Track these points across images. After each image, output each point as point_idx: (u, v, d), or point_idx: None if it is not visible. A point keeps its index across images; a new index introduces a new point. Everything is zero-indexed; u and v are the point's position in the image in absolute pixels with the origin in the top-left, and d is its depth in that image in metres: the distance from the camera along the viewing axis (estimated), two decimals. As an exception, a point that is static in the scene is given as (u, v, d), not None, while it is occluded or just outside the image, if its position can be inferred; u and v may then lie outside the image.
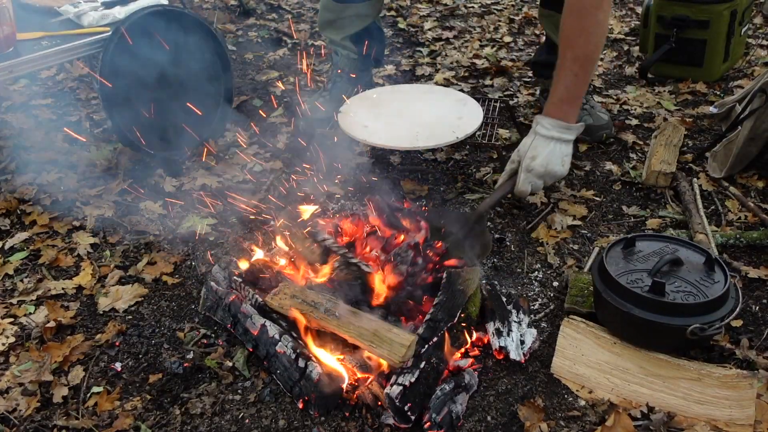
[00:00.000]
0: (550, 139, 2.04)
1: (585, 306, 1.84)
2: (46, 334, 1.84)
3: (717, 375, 1.59)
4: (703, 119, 2.86)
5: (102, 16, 2.39)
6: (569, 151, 2.08)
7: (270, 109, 3.03)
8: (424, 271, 1.84)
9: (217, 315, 1.86)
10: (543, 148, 2.05)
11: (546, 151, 2.04)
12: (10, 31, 2.17)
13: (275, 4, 4.31)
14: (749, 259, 2.07)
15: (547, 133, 2.04)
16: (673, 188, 2.39)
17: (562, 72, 2.04)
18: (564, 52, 2.04)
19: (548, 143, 2.04)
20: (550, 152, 2.04)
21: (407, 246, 1.87)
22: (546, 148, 2.04)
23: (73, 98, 3.09)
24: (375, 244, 1.90)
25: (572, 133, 2.07)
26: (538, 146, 2.05)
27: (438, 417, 1.52)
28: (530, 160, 2.05)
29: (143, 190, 2.43)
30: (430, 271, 1.86)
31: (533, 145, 2.06)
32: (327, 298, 1.70)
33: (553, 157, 2.05)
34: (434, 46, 3.72)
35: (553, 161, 2.05)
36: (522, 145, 2.09)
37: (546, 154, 2.04)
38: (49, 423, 1.61)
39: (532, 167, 2.05)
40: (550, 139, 2.04)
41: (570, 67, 2.02)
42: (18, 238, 2.21)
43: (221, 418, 1.61)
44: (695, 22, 3.00)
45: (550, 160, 2.04)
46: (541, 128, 2.05)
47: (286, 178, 2.51)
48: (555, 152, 2.05)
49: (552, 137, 2.04)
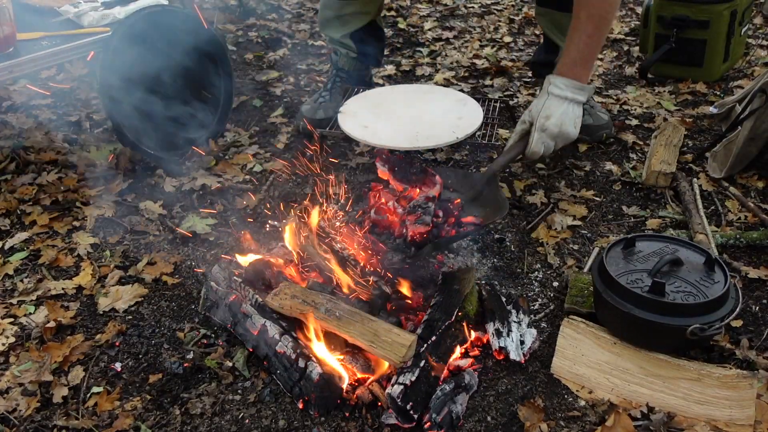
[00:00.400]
0: (564, 100, 1.99)
1: (585, 306, 1.84)
2: (46, 334, 1.84)
3: (717, 375, 1.59)
4: (703, 119, 2.86)
5: (102, 16, 2.39)
6: (581, 113, 2.04)
7: (270, 109, 3.03)
8: (446, 224, 1.82)
9: (217, 315, 1.86)
10: (557, 109, 1.99)
11: (560, 111, 1.99)
12: (10, 31, 2.17)
13: (275, 4, 4.31)
14: (749, 259, 2.07)
15: (561, 93, 1.99)
16: (673, 188, 2.39)
17: (576, 32, 1.99)
18: (578, 11, 1.99)
19: (562, 103, 1.99)
20: (564, 113, 1.99)
21: (425, 198, 1.84)
22: (560, 109, 1.99)
23: (73, 98, 3.09)
24: (391, 197, 1.88)
25: (585, 94, 2.02)
26: (552, 106, 1.99)
27: (438, 417, 1.52)
28: (544, 119, 1.99)
29: (143, 190, 2.43)
30: (452, 225, 1.83)
31: (546, 105, 2.00)
32: (327, 299, 1.70)
33: (567, 118, 2.00)
34: (434, 46, 3.72)
35: (566, 122, 2.00)
36: (534, 106, 2.03)
37: (560, 114, 1.99)
38: (49, 423, 1.61)
39: (546, 127, 1.99)
40: (564, 100, 1.99)
41: (584, 28, 1.97)
42: (18, 238, 2.21)
43: (221, 419, 1.61)
44: (695, 22, 3.00)
45: (564, 120, 2.00)
46: (555, 88, 2.00)
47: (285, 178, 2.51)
48: (568, 113, 2.00)
49: (566, 98, 1.99)
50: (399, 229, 1.83)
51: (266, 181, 2.50)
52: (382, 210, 1.86)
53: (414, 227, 1.79)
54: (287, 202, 2.38)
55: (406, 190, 1.91)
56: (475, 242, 2.15)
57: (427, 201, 1.84)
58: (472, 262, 2.06)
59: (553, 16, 2.55)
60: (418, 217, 1.79)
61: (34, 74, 3.18)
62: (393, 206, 1.84)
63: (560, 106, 1.99)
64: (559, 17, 2.48)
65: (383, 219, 1.86)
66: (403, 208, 1.84)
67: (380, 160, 1.98)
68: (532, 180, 2.47)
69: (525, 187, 2.43)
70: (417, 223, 1.78)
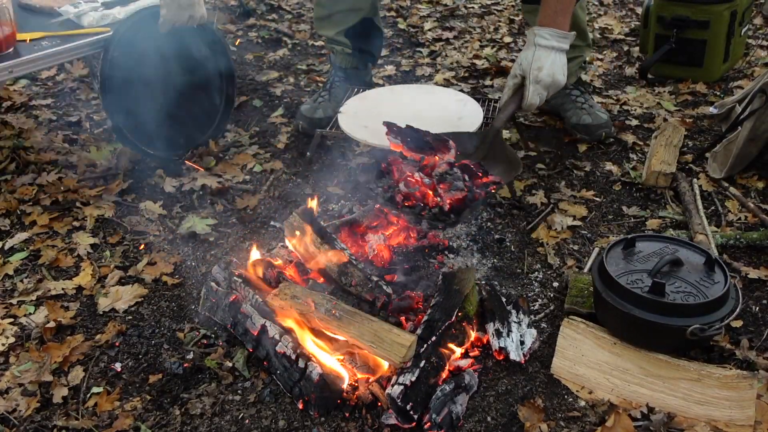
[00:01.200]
0: (551, 49, 2.06)
1: (585, 306, 1.84)
2: (46, 334, 1.84)
3: (717, 375, 1.59)
4: (703, 120, 2.86)
5: (102, 16, 2.39)
6: (565, 61, 2.12)
7: (270, 109, 3.03)
8: (475, 186, 1.85)
9: (217, 315, 1.86)
10: (546, 59, 2.06)
11: (549, 61, 2.06)
12: (10, 31, 2.17)
13: (275, 4, 4.31)
14: (749, 259, 2.07)
15: (547, 43, 2.06)
16: (673, 189, 2.39)
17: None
18: None
19: (550, 53, 2.06)
20: (553, 62, 2.07)
21: (447, 164, 1.86)
22: (549, 59, 2.06)
23: (73, 98, 3.09)
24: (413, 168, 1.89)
25: (567, 41, 2.10)
26: (542, 57, 2.06)
27: (438, 417, 1.52)
28: (537, 71, 2.06)
29: (143, 190, 2.43)
30: (480, 186, 1.86)
31: (536, 56, 2.06)
32: (327, 299, 1.70)
33: (556, 67, 2.07)
34: (434, 47, 3.72)
35: (557, 71, 2.07)
36: (523, 59, 2.09)
37: (549, 64, 2.06)
38: (48, 423, 1.61)
39: (540, 78, 2.06)
40: (551, 49, 2.06)
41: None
42: (18, 239, 2.21)
43: (221, 419, 1.61)
44: (695, 23, 3.00)
45: (555, 69, 2.07)
46: (541, 39, 2.06)
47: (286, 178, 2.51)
48: (557, 62, 2.07)
49: (552, 47, 2.06)
50: (432, 199, 1.85)
51: (266, 181, 2.50)
52: (411, 182, 1.86)
53: (450, 195, 1.80)
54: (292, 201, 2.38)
55: (423, 159, 1.93)
56: (475, 242, 2.15)
57: (450, 167, 1.85)
58: (472, 263, 2.06)
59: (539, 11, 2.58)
60: (450, 185, 1.81)
61: (34, 74, 3.19)
62: (420, 177, 1.85)
63: (549, 55, 2.06)
64: None
65: (414, 191, 1.87)
66: (429, 177, 1.85)
67: (390, 133, 2.00)
68: (532, 180, 2.47)
69: (525, 188, 2.43)
70: (452, 190, 1.80)
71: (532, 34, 2.09)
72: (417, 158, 1.94)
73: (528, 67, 2.07)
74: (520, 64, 2.10)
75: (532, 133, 2.79)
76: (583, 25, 2.66)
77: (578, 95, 2.75)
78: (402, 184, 1.86)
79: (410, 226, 2.06)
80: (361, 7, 2.72)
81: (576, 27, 2.63)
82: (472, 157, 2.06)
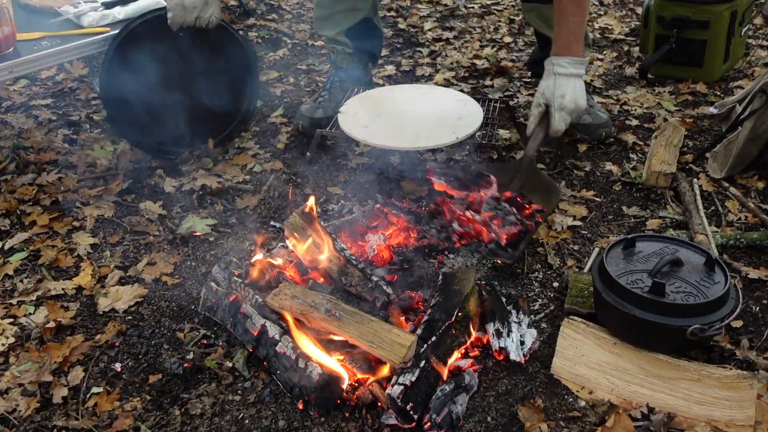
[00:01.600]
0: (570, 77, 2.14)
1: (585, 306, 1.84)
2: (46, 334, 1.84)
3: (717, 376, 1.59)
4: (704, 120, 2.86)
5: (102, 16, 2.39)
6: (584, 85, 2.20)
7: (270, 109, 3.03)
8: (524, 217, 1.94)
9: (217, 315, 1.86)
10: (567, 86, 2.14)
11: (570, 88, 2.14)
12: (10, 31, 2.17)
13: (275, 4, 4.31)
14: (749, 259, 2.07)
15: (566, 71, 2.13)
16: (674, 189, 2.39)
17: (562, 15, 2.15)
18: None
19: (570, 80, 2.14)
20: (574, 88, 2.14)
21: (493, 199, 1.94)
22: (569, 86, 2.14)
23: (73, 98, 3.09)
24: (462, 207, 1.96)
25: (583, 67, 2.18)
26: (563, 85, 2.14)
27: (438, 417, 1.52)
28: (561, 99, 2.14)
29: (143, 190, 2.43)
30: (528, 216, 1.95)
31: (558, 85, 2.14)
32: (327, 299, 1.70)
33: (578, 93, 2.15)
34: (434, 47, 3.72)
35: (579, 97, 2.16)
36: (545, 89, 2.16)
37: (571, 90, 2.14)
38: (48, 423, 1.61)
39: (564, 105, 2.14)
40: (571, 76, 2.14)
41: (568, 9, 2.13)
42: (18, 239, 2.21)
43: (221, 419, 1.61)
44: (695, 23, 3.00)
45: (576, 96, 2.15)
46: (560, 68, 2.13)
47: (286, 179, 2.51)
48: (577, 88, 2.15)
49: (572, 74, 2.14)
50: (488, 235, 1.92)
51: (266, 181, 2.50)
52: (463, 221, 1.93)
53: (506, 230, 1.89)
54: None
55: (468, 197, 2.01)
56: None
57: (496, 201, 1.94)
58: (472, 263, 2.06)
59: (539, 10, 2.63)
60: (503, 220, 1.89)
61: (34, 74, 3.19)
62: (471, 215, 1.93)
63: (569, 83, 2.14)
64: (545, 10, 2.57)
65: (468, 230, 1.94)
66: (479, 214, 1.93)
67: (434, 174, 2.10)
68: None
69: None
70: (506, 225, 1.89)
71: (551, 64, 2.16)
72: (462, 196, 2.02)
73: (551, 96, 2.15)
74: (543, 93, 2.17)
75: (532, 133, 2.79)
76: None
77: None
78: (455, 224, 1.92)
79: (410, 227, 2.07)
80: (361, 7, 2.72)
81: None
82: (510, 188, 2.14)
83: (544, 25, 2.63)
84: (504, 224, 1.88)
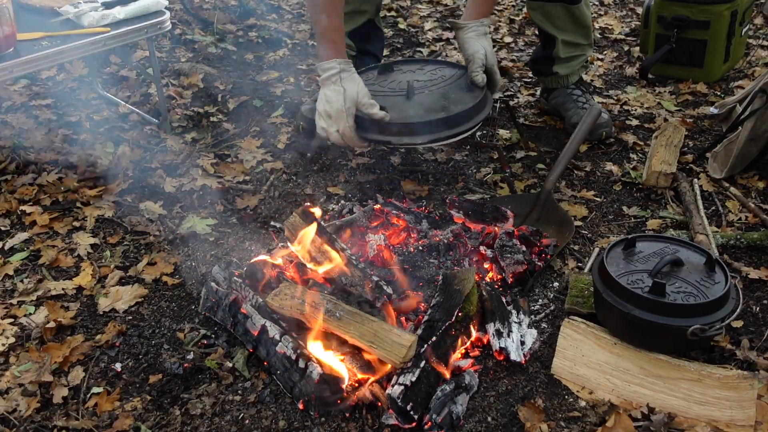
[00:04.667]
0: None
1: (585, 307, 1.83)
2: (46, 334, 1.84)
3: (717, 376, 1.59)
4: (704, 120, 2.86)
5: (102, 16, 2.39)
6: None
7: (270, 109, 3.03)
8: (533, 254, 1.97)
9: (217, 315, 1.86)
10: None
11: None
12: (10, 31, 2.17)
13: (275, 4, 4.31)
14: (750, 259, 2.07)
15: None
16: (674, 189, 2.39)
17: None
18: None
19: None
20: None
21: (506, 235, 1.97)
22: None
23: (73, 98, 3.09)
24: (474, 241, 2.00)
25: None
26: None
27: (438, 418, 1.52)
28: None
29: (143, 190, 2.43)
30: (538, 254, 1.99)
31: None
32: (328, 299, 1.70)
33: None
34: (434, 47, 3.72)
35: None
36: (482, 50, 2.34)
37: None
38: (49, 423, 1.61)
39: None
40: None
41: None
42: (18, 239, 2.21)
43: (221, 419, 1.61)
44: (695, 23, 3.00)
45: None
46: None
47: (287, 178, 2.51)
48: None
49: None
50: (495, 274, 1.95)
51: (266, 181, 2.50)
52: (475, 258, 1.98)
53: (512, 269, 1.92)
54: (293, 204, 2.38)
55: (484, 231, 2.05)
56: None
57: (509, 238, 1.97)
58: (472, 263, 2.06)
59: (544, 8, 2.64)
60: (511, 258, 1.93)
61: (34, 74, 3.19)
62: (484, 251, 1.97)
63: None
64: (550, 9, 2.60)
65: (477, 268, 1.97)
66: (491, 250, 1.97)
67: (453, 207, 2.12)
68: (532, 180, 2.47)
69: (525, 188, 2.43)
70: (514, 264, 1.92)
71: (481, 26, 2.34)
72: (479, 229, 2.05)
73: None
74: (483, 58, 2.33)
75: (532, 133, 2.79)
76: (588, 22, 2.67)
77: (579, 95, 2.75)
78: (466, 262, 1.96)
79: (411, 227, 2.07)
80: (365, 9, 2.72)
81: (581, 25, 2.64)
82: (528, 220, 2.19)
83: (549, 23, 2.64)
84: (513, 264, 1.92)
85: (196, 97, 3.07)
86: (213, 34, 3.73)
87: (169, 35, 3.60)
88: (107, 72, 3.28)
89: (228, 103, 3.03)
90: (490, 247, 1.98)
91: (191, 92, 3.11)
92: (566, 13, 2.58)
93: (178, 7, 3.90)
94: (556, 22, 2.62)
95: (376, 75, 2.50)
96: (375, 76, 2.50)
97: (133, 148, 2.63)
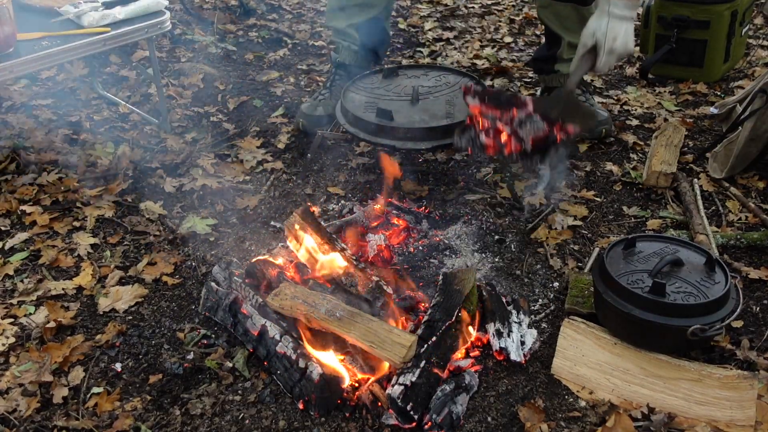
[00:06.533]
0: (623, 19, 2.09)
1: (585, 307, 1.83)
2: (46, 334, 1.84)
3: (718, 376, 1.59)
4: (704, 120, 2.86)
5: (102, 16, 2.39)
6: (633, 29, 2.16)
7: (270, 109, 3.03)
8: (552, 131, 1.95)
9: (217, 315, 1.86)
10: (620, 29, 2.10)
11: (622, 31, 2.10)
12: (10, 31, 2.16)
13: (275, 4, 4.31)
14: (750, 259, 2.07)
15: (621, 13, 2.09)
16: (674, 189, 2.39)
17: None
18: None
19: (622, 23, 2.10)
20: (626, 32, 2.10)
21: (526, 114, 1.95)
22: (621, 28, 2.10)
23: (73, 98, 3.09)
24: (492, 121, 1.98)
25: (635, 11, 2.15)
26: (616, 27, 2.09)
27: (438, 417, 1.52)
28: (612, 41, 2.09)
29: (143, 190, 2.43)
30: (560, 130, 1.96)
31: (611, 27, 2.10)
32: (327, 299, 1.70)
33: (628, 36, 2.11)
34: (434, 47, 3.71)
35: (629, 40, 2.11)
36: (596, 28, 2.12)
37: (623, 34, 2.10)
38: (49, 423, 1.61)
39: (615, 48, 2.10)
40: (624, 19, 2.09)
41: None
42: (18, 239, 2.21)
43: (221, 419, 1.61)
44: (696, 23, 3.00)
45: (628, 39, 2.11)
46: (616, 9, 2.09)
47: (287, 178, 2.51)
48: (628, 32, 2.11)
49: (625, 17, 2.09)
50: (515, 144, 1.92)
51: (266, 181, 2.50)
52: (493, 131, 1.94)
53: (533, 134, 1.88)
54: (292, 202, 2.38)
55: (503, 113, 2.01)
56: (474, 242, 2.15)
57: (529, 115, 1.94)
58: (472, 263, 2.06)
59: (554, 8, 2.62)
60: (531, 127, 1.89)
61: (34, 74, 3.18)
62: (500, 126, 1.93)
63: (622, 25, 2.10)
64: (560, 8, 2.58)
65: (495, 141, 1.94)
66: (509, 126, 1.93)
67: (469, 94, 2.07)
68: (532, 180, 2.47)
69: (525, 187, 2.43)
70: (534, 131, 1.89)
71: (606, 3, 2.11)
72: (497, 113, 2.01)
73: (602, 37, 2.10)
74: (593, 33, 2.13)
75: (532, 133, 2.78)
76: None
77: (580, 94, 2.74)
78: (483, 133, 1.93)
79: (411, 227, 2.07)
80: (375, 4, 2.72)
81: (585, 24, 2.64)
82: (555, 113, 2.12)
83: (557, 23, 2.63)
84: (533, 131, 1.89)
85: (196, 97, 3.07)
86: (213, 34, 3.73)
87: (169, 35, 3.60)
88: (107, 72, 3.28)
89: (228, 103, 3.03)
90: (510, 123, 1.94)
91: (191, 92, 3.11)
92: (576, 14, 2.57)
93: (178, 7, 3.90)
94: (565, 22, 2.61)
95: (381, 78, 2.52)
96: (380, 79, 2.52)
97: (133, 148, 2.63)
